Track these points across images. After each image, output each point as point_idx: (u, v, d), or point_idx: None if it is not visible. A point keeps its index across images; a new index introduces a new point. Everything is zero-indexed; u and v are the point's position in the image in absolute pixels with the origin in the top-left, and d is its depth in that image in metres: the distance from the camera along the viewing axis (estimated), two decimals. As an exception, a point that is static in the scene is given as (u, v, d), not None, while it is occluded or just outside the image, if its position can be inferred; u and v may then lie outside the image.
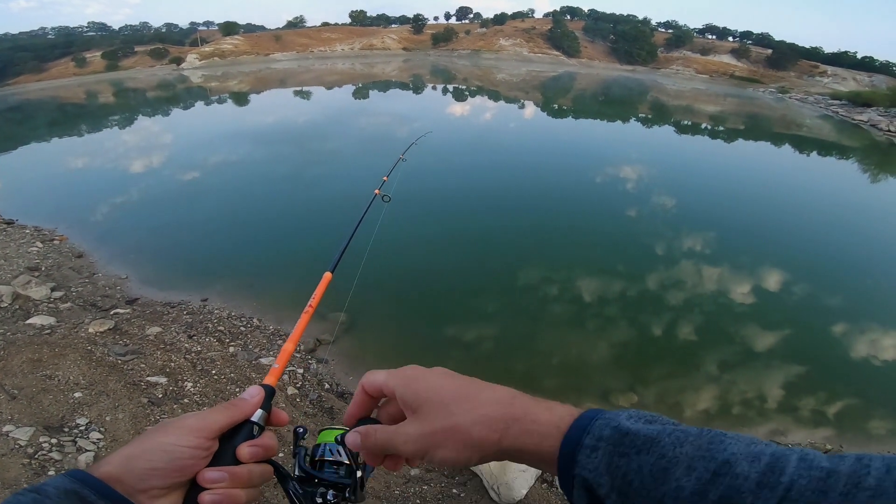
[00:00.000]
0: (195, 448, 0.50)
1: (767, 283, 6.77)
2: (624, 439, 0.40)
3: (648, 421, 0.42)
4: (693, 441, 0.38)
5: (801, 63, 53.48)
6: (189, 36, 63.44)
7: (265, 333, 5.10)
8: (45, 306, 5.12)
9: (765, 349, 5.33)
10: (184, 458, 0.49)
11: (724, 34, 67.27)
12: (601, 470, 0.40)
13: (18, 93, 37.61)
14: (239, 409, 0.56)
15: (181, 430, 0.50)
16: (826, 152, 19.37)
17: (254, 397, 0.58)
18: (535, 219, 8.88)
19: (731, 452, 0.36)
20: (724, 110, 31.62)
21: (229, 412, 0.55)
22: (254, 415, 0.57)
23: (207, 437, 0.51)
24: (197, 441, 0.50)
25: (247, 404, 0.57)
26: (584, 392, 4.56)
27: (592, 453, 0.41)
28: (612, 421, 0.42)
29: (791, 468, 0.34)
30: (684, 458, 0.37)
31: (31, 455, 2.90)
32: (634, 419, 0.42)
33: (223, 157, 13.43)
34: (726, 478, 0.35)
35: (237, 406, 0.56)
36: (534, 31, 63.60)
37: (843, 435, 4.22)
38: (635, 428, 0.40)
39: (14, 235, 7.10)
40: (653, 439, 0.39)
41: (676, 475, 0.37)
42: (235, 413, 0.55)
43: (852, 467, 0.32)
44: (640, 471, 0.38)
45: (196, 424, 0.51)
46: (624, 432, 0.40)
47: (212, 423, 0.52)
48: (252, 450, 0.54)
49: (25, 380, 3.57)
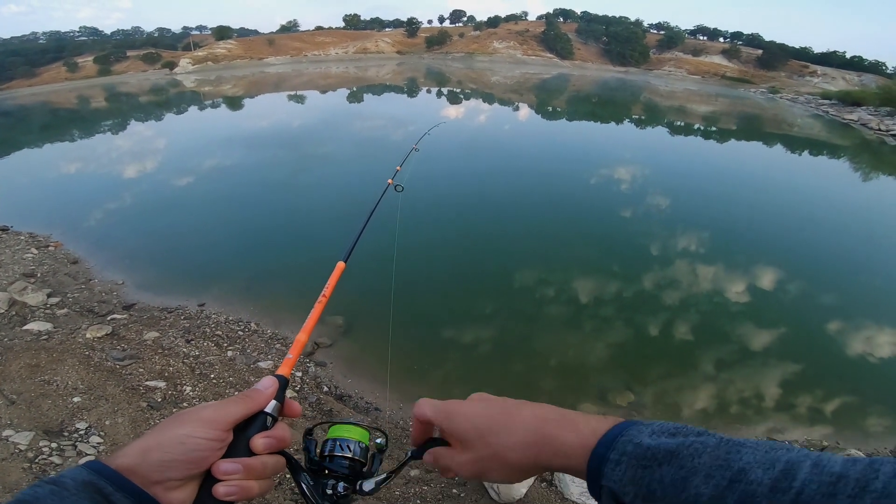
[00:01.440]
0: (211, 440, 0.50)
1: (762, 282, 6.83)
2: (646, 453, 0.43)
3: (672, 434, 0.45)
4: (711, 451, 0.41)
5: (792, 63, 53.98)
6: (182, 40, 63.22)
7: (263, 337, 5.09)
8: (42, 312, 5.09)
9: (761, 348, 5.38)
10: (200, 449, 0.49)
11: (716, 35, 67.81)
12: (625, 481, 0.43)
13: (11, 98, 37.36)
14: (254, 401, 0.56)
15: (197, 421, 0.51)
16: (817, 151, 19.54)
17: (268, 388, 0.59)
18: (531, 221, 8.91)
19: (746, 461, 0.38)
20: (715, 110, 31.84)
21: (244, 404, 0.55)
22: (268, 406, 0.57)
23: (223, 429, 0.52)
24: (213, 433, 0.50)
25: (261, 395, 0.57)
26: (583, 392, 4.59)
27: (617, 466, 0.44)
28: (635, 438, 0.45)
29: (803, 473, 0.36)
30: (703, 467, 0.40)
31: (32, 459, 2.90)
32: (657, 434, 0.45)
33: (218, 161, 13.40)
34: (741, 484, 0.37)
35: (252, 397, 0.57)
36: (527, 34, 63.88)
37: (840, 432, 4.25)
38: (656, 443, 0.44)
39: (9, 242, 7.06)
40: (672, 452, 0.42)
41: (695, 483, 0.39)
42: (250, 404, 0.56)
43: (862, 471, 0.34)
44: (662, 481, 0.41)
45: (212, 416, 0.52)
46: (645, 448, 0.44)
47: (227, 414, 0.53)
48: (266, 441, 0.54)
49: (24, 385, 3.55)
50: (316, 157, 13.69)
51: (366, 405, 4.32)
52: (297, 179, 11.20)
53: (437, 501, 3.20)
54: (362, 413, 4.21)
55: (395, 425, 4.10)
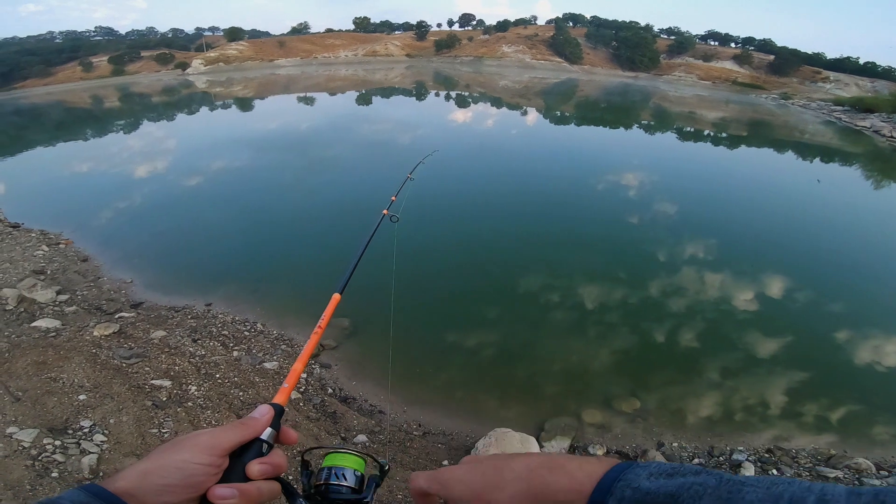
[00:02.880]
0: (207, 465, 0.52)
1: (770, 289, 6.77)
2: (646, 498, 0.43)
3: (669, 474, 0.44)
4: (712, 493, 0.40)
5: (804, 69, 53.47)
6: (194, 41, 63.87)
7: (269, 338, 5.12)
8: (51, 309, 5.15)
9: (768, 355, 5.33)
10: (196, 474, 0.51)
11: (727, 40, 67.31)
12: None
13: (26, 97, 37.91)
14: (249, 428, 0.58)
15: (195, 447, 0.53)
16: (829, 158, 19.33)
17: (263, 416, 0.61)
18: (538, 225, 8.90)
19: (749, 500, 0.38)
20: (726, 116, 31.63)
21: (240, 431, 0.57)
22: (263, 433, 0.59)
23: (219, 455, 0.54)
24: (209, 458, 0.53)
25: (257, 423, 0.60)
26: (586, 398, 4.56)
27: None
28: (633, 482, 0.45)
29: None
30: None
31: (35, 457, 2.91)
32: (655, 476, 0.45)
33: (227, 163, 13.52)
34: None
35: (248, 425, 0.59)
36: (536, 38, 63.82)
37: (846, 441, 4.21)
38: (655, 487, 0.43)
39: (20, 239, 7.15)
40: (673, 495, 0.41)
41: None
42: (246, 431, 0.58)
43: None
44: None
45: (208, 442, 0.54)
46: (645, 492, 0.43)
47: (224, 440, 0.55)
48: (261, 467, 0.56)
49: (30, 382, 3.59)
50: (323, 159, 13.76)
51: (370, 408, 4.32)
52: (304, 182, 11.26)
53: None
54: (366, 416, 4.21)
55: (399, 428, 4.10)
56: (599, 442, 4.05)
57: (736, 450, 4.01)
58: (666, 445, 4.05)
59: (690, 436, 4.19)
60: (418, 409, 4.35)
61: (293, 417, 3.87)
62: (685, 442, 4.12)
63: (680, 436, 4.18)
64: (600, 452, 3.92)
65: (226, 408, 3.79)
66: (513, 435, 3.52)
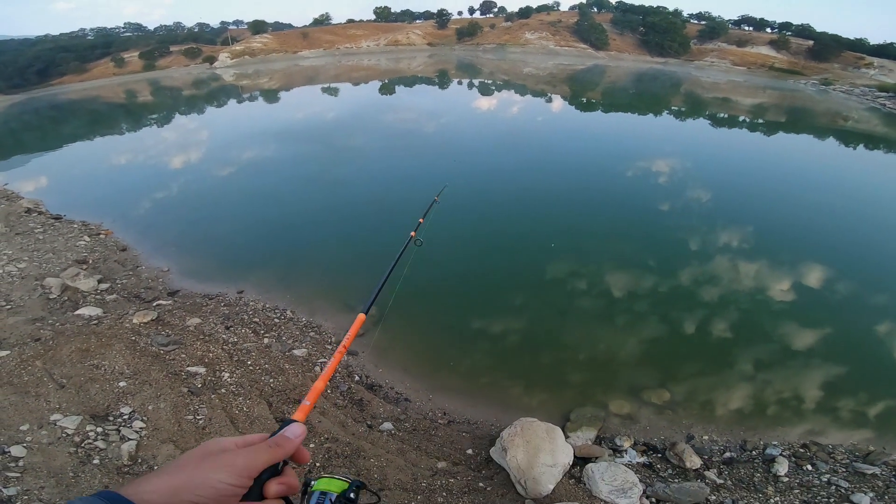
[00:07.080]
0: (241, 487, 0.54)
1: (808, 279, 6.52)
2: None
3: None
4: None
5: (846, 54, 50.69)
6: (220, 35, 64.77)
7: (298, 325, 5.23)
8: (93, 297, 5.37)
9: (804, 348, 5.16)
10: (229, 495, 0.53)
11: (762, 25, 64.18)
12: None
13: (63, 92, 39.28)
14: (283, 450, 0.60)
15: (231, 469, 0.54)
16: (874, 145, 18.40)
17: (297, 436, 0.62)
18: (565, 212, 8.77)
19: None
20: (764, 102, 30.40)
21: (274, 453, 0.59)
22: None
23: (251, 476, 0.55)
24: (244, 482, 0.54)
25: (290, 444, 0.61)
26: (612, 388, 4.50)
27: None
28: None
29: None
30: None
31: (78, 444, 3.03)
32: None
33: (257, 153, 13.75)
34: None
35: (282, 446, 0.60)
36: (560, 24, 62.28)
37: (885, 437, 4.06)
38: None
39: (62, 230, 7.46)
40: None
41: None
42: (279, 453, 0.59)
43: None
44: None
45: (245, 464, 0.55)
46: None
47: (259, 464, 0.56)
48: (278, 488, 0.58)
49: (74, 369, 3.74)
50: (350, 149, 13.86)
51: (395, 395, 4.38)
52: (331, 173, 11.36)
53: (462, 494, 3.22)
54: (392, 403, 4.26)
55: (424, 416, 4.14)
56: (626, 433, 4.00)
57: (770, 444, 3.91)
58: (696, 438, 3.98)
59: (722, 429, 4.11)
60: (443, 398, 4.38)
61: (321, 404, 3.94)
62: (716, 435, 4.04)
63: (710, 429, 4.10)
64: (627, 445, 3.87)
65: (257, 395, 3.89)
66: (538, 425, 3.48)
